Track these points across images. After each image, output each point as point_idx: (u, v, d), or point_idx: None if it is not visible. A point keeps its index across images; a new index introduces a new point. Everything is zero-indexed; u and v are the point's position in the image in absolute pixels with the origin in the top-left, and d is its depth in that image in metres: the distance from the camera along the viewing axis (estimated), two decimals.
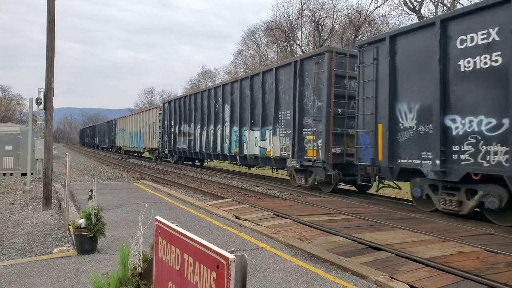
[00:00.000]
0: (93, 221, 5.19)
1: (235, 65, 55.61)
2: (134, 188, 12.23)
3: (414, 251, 5.41)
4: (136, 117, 35.06)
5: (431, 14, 31.79)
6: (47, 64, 9.19)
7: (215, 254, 1.55)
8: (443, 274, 4.60)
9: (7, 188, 14.02)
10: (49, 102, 9.21)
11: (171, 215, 7.74)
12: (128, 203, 9.24)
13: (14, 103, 64.53)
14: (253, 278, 4.34)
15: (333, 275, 4.49)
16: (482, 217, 8.47)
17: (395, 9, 39.84)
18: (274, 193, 12.77)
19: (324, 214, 8.24)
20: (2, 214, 9.24)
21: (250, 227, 6.79)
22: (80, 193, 10.85)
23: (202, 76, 69.47)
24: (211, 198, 11.40)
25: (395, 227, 7.09)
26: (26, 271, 4.61)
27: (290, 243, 5.74)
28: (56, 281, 4.28)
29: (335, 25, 39.14)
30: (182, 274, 1.86)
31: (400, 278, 4.38)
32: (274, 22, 42.76)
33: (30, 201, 10.72)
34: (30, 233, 6.93)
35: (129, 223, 7.05)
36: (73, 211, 7.99)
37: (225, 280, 1.46)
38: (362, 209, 9.28)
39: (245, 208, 8.79)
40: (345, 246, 5.78)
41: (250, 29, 56.92)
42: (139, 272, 2.93)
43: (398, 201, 11.56)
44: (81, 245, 5.27)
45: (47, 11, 9.12)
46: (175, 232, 1.96)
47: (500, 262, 5.05)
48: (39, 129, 23.52)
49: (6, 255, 5.72)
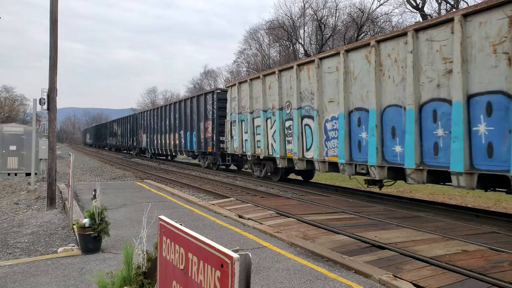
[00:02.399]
0: (97, 221, 5.21)
1: (238, 64, 55.64)
2: (138, 188, 12.26)
3: (418, 250, 5.40)
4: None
5: (434, 12, 31.67)
6: (50, 65, 9.23)
7: (219, 253, 1.56)
8: (447, 272, 4.59)
9: (12, 188, 14.09)
10: (52, 102, 9.24)
11: (174, 214, 7.76)
12: (131, 203, 9.27)
13: (18, 104, 64.81)
14: (256, 277, 4.35)
15: (336, 274, 4.48)
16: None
17: (398, 7, 39.81)
18: (277, 192, 12.77)
19: (327, 213, 8.24)
20: (7, 214, 9.29)
21: (253, 226, 6.80)
22: (84, 192, 10.90)
23: (205, 75, 69.52)
24: (214, 197, 11.41)
25: (399, 226, 7.08)
26: (31, 270, 4.64)
27: (293, 242, 5.74)
28: (61, 280, 4.30)
29: (338, 23, 39.03)
30: (186, 273, 1.86)
31: (403, 277, 4.37)
32: (276, 21, 42.70)
33: (34, 201, 10.77)
34: (35, 233, 6.97)
35: (133, 223, 7.08)
36: (77, 210, 8.03)
37: (229, 279, 1.46)
38: (365, 208, 9.27)
39: (248, 207, 8.80)
40: (348, 245, 5.77)
41: (253, 28, 56.90)
42: (143, 271, 2.94)
43: (401, 200, 11.53)
44: (85, 244, 5.29)
45: (50, 12, 9.15)
46: (179, 231, 1.96)
47: (504, 261, 5.03)
48: (42, 129, 23.64)
49: (11, 255, 5.76)
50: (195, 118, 22.97)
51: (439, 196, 13.67)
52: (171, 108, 27.53)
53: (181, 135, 25.43)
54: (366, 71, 10.27)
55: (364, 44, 10.49)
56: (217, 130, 19.96)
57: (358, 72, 10.58)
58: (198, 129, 22.39)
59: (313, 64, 12.26)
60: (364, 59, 10.33)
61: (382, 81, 9.81)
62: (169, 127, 27.83)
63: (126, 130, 41.39)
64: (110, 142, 51.99)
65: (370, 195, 12.49)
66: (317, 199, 10.49)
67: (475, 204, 12.47)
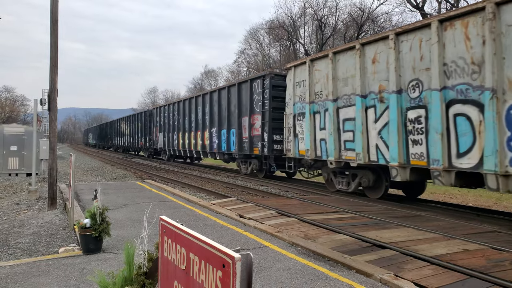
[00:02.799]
0: (98, 221, 5.21)
1: (238, 64, 55.68)
2: (139, 188, 12.26)
3: (419, 249, 5.40)
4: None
5: (434, 11, 31.63)
6: (51, 65, 9.23)
7: (220, 253, 1.56)
8: (448, 272, 4.58)
9: (13, 189, 14.10)
10: (53, 102, 9.25)
11: (175, 214, 7.77)
12: (132, 203, 9.27)
13: (19, 104, 64.84)
14: (257, 277, 4.34)
15: (337, 274, 4.48)
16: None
17: (398, 6, 39.76)
18: (278, 192, 12.76)
19: (328, 213, 8.24)
20: (8, 214, 9.29)
21: (254, 226, 6.80)
22: (85, 193, 10.90)
23: (205, 75, 69.55)
24: (215, 197, 11.42)
25: (400, 225, 7.08)
26: (32, 271, 4.64)
27: (294, 241, 5.74)
28: (62, 280, 4.30)
29: (338, 23, 39.02)
30: (188, 273, 1.86)
31: (405, 276, 4.37)
32: (276, 21, 42.70)
33: (35, 201, 10.78)
34: (36, 233, 6.97)
35: (134, 223, 7.08)
36: (78, 211, 8.03)
37: (231, 279, 1.46)
38: (366, 207, 9.27)
39: (249, 207, 8.80)
40: (349, 245, 5.77)
41: (253, 28, 57.01)
42: (144, 271, 2.95)
43: (402, 199, 11.52)
44: (86, 244, 5.29)
45: (51, 12, 9.16)
46: (180, 231, 1.96)
47: (505, 260, 5.02)
48: (43, 130, 23.64)
49: (12, 255, 5.76)
50: (234, 112, 18.33)
51: (439, 195, 13.68)
52: (199, 100, 22.39)
53: (213, 133, 20.75)
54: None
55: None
56: (269, 126, 15.65)
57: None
58: (240, 125, 17.94)
59: (478, 16, 7.82)
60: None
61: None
62: (195, 124, 22.96)
63: (136, 128, 36.49)
64: (117, 142, 47.48)
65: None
66: (318, 199, 10.48)
67: (476, 203, 12.48)
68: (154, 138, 30.74)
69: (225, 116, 19.33)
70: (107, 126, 55.89)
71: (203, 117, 21.98)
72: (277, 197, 11.18)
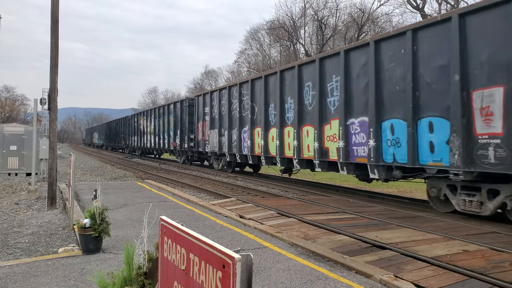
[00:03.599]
0: (98, 221, 5.21)
1: (238, 65, 55.72)
2: (138, 188, 12.26)
3: (419, 250, 5.39)
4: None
5: (434, 12, 31.63)
6: (51, 65, 9.23)
7: (220, 253, 1.56)
8: (448, 273, 4.58)
9: (12, 188, 14.10)
10: (53, 102, 9.25)
11: (175, 215, 7.76)
12: (132, 203, 9.27)
13: (19, 104, 64.84)
14: (257, 277, 4.34)
15: (337, 274, 4.48)
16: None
17: (398, 7, 39.70)
18: (278, 192, 12.76)
19: (328, 213, 8.23)
20: (8, 214, 9.29)
21: (254, 226, 6.80)
22: (85, 192, 10.90)
23: (206, 75, 69.57)
24: (215, 198, 11.41)
25: (400, 225, 7.07)
26: (31, 271, 4.64)
27: (294, 242, 5.74)
28: (61, 280, 4.30)
29: (338, 23, 39.07)
30: (188, 274, 1.86)
31: (404, 277, 4.37)
32: (277, 21, 42.72)
33: (35, 201, 10.77)
34: (35, 233, 6.97)
35: (134, 223, 7.07)
36: (77, 210, 8.03)
37: (231, 280, 1.46)
38: (366, 207, 9.26)
39: (249, 207, 8.79)
40: (349, 245, 5.77)
41: (253, 28, 56.93)
42: (144, 271, 2.94)
43: (402, 200, 11.52)
44: (86, 244, 5.29)
45: (51, 11, 9.16)
46: (180, 231, 1.96)
47: (505, 261, 5.02)
48: (43, 129, 23.65)
49: (12, 255, 5.76)
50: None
51: None
52: (295, 74, 12.79)
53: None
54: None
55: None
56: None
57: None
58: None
59: None
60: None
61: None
62: (288, 116, 13.49)
63: (165, 125, 27.49)
64: (133, 143, 37.80)
65: (371, 195, 12.48)
66: (318, 199, 10.48)
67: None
68: (201, 137, 21.98)
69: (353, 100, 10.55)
70: (118, 124, 46.11)
71: (312, 102, 12.25)
72: (277, 198, 11.17)
